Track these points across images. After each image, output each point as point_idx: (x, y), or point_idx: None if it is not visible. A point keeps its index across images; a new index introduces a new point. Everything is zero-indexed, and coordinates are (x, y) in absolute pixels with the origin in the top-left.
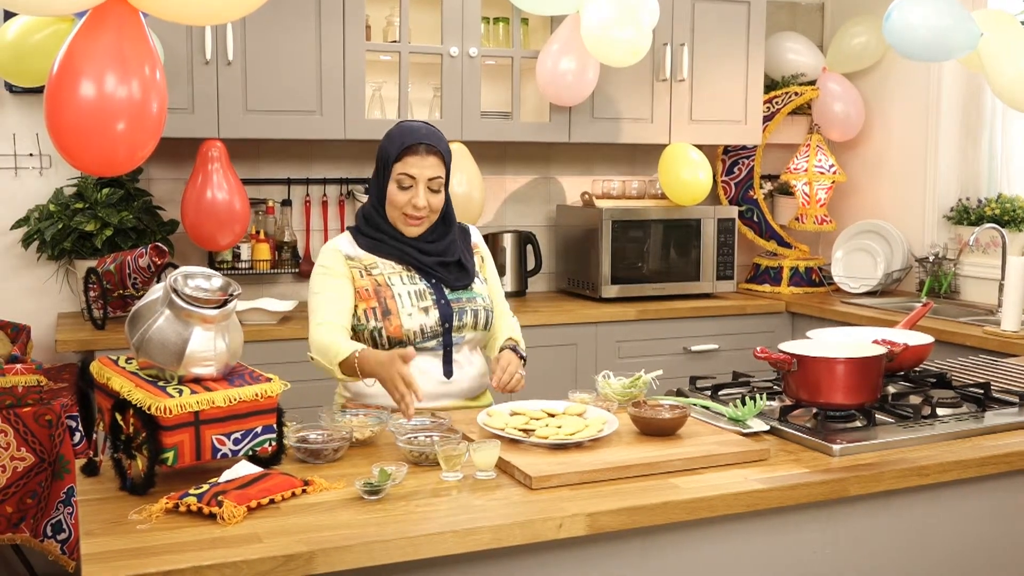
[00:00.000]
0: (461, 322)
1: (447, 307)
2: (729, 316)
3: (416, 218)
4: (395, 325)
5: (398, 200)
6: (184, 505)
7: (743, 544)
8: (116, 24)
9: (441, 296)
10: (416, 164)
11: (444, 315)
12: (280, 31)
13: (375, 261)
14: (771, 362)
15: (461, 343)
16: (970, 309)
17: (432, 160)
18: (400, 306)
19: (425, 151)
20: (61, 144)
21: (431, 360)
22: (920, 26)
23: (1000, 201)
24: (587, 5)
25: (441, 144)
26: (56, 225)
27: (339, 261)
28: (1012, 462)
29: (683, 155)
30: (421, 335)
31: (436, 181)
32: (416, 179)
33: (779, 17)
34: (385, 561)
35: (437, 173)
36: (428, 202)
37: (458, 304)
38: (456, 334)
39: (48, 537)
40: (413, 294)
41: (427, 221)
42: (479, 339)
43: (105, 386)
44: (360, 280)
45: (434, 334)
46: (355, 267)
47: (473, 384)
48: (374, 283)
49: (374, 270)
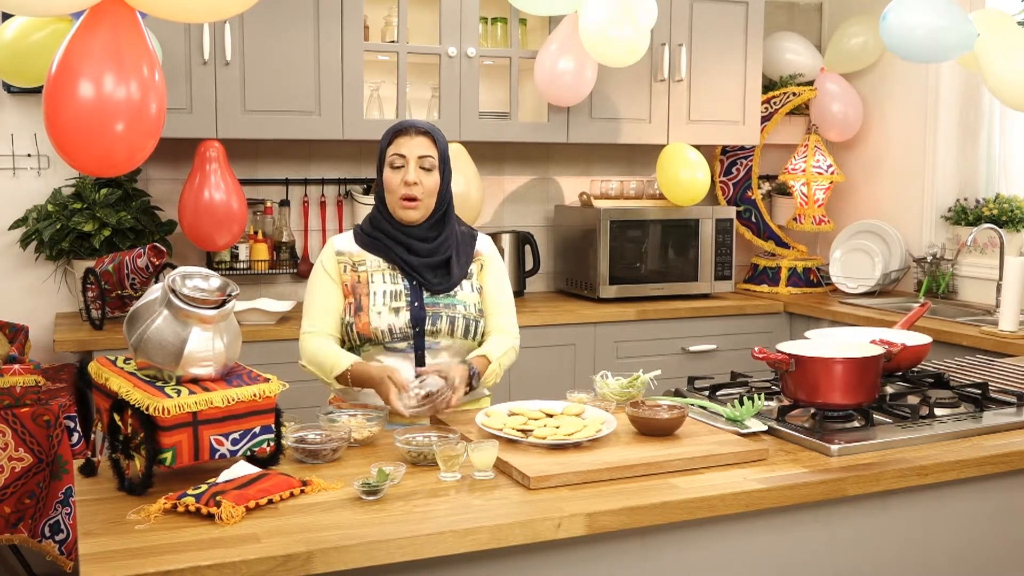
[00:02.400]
0: (435, 327)
1: (420, 310)
2: (727, 316)
3: (410, 198)
4: (363, 322)
5: (392, 182)
6: (182, 505)
7: (742, 544)
8: (113, 24)
9: (417, 299)
10: (406, 144)
11: (416, 318)
12: (278, 31)
13: (364, 258)
14: (769, 362)
15: (437, 348)
16: (968, 309)
17: (422, 140)
18: (372, 304)
19: (415, 132)
20: (59, 144)
21: (402, 363)
22: (916, 27)
23: (998, 201)
24: (585, 5)
25: (433, 129)
26: (54, 225)
27: (330, 257)
28: (1010, 462)
29: (681, 155)
30: (390, 335)
31: (427, 160)
32: (407, 157)
33: (777, 17)
34: (384, 561)
35: (427, 152)
36: (420, 180)
37: (434, 309)
38: (430, 339)
39: (46, 537)
40: (388, 294)
41: (423, 206)
42: (461, 347)
43: (103, 386)
44: (344, 275)
45: (404, 336)
46: (343, 262)
47: None
48: (355, 279)
49: (360, 266)
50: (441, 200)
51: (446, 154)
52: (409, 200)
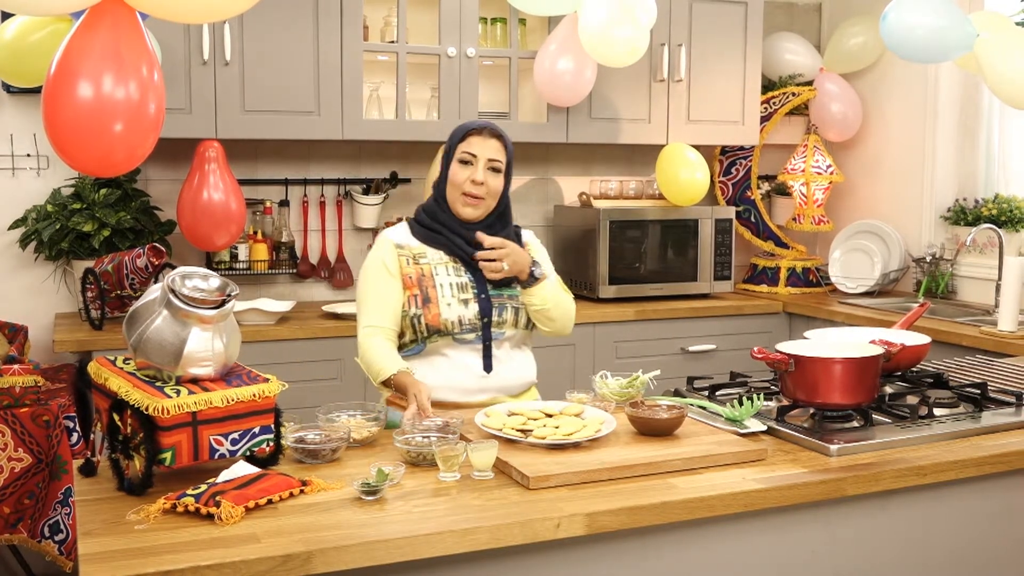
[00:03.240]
0: (501, 318)
1: (487, 301)
2: (726, 316)
3: (474, 196)
4: (433, 314)
5: (458, 177)
6: (182, 505)
7: (741, 544)
8: (113, 24)
9: (483, 290)
10: (478, 144)
11: (483, 309)
12: (278, 31)
13: (424, 251)
14: (768, 362)
15: (502, 339)
16: (967, 309)
17: (494, 143)
18: (440, 295)
19: (488, 134)
20: (59, 145)
21: (470, 354)
22: (917, 27)
23: (997, 201)
24: (585, 5)
25: (505, 134)
26: (54, 225)
27: (390, 251)
28: (1009, 462)
29: (681, 155)
30: (459, 326)
31: (496, 162)
32: (477, 156)
33: (776, 17)
34: (383, 561)
35: (497, 156)
36: (487, 180)
37: (499, 300)
38: (496, 329)
39: (46, 538)
40: (455, 285)
41: (484, 205)
42: (522, 337)
43: (103, 386)
44: (406, 268)
45: (472, 327)
46: (404, 255)
47: (515, 381)
48: (419, 272)
49: (422, 259)
50: (500, 202)
51: (512, 160)
52: (473, 198)
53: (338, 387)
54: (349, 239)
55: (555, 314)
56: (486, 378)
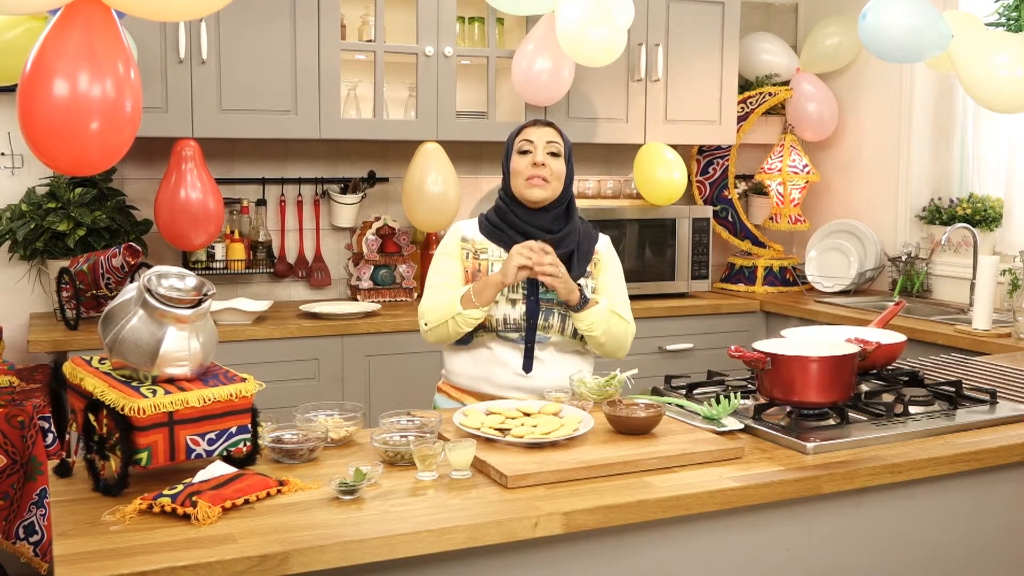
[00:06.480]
0: (547, 322)
1: (535, 304)
2: (704, 315)
3: (538, 177)
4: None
5: (519, 165)
6: (158, 506)
7: (717, 542)
8: (88, 22)
9: (533, 293)
10: (534, 133)
11: (530, 311)
12: (255, 30)
13: (487, 246)
14: (745, 361)
15: (547, 343)
16: (942, 308)
17: (549, 130)
18: None
19: (542, 124)
20: (34, 143)
21: (513, 352)
22: (894, 27)
23: (971, 201)
24: (562, 5)
25: (559, 126)
26: (28, 225)
27: (455, 242)
28: (984, 459)
29: (658, 155)
30: (504, 325)
31: (554, 144)
32: (535, 143)
33: (753, 18)
34: (360, 561)
35: (555, 139)
36: (548, 163)
37: (547, 304)
38: (541, 332)
39: (20, 539)
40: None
41: (551, 188)
42: (569, 345)
43: (78, 387)
44: (466, 261)
45: (517, 327)
46: (467, 248)
47: (554, 384)
48: (476, 266)
49: (482, 255)
50: (564, 193)
51: (571, 151)
52: (538, 179)
53: (315, 387)
54: (326, 238)
55: (604, 339)
56: (524, 378)
